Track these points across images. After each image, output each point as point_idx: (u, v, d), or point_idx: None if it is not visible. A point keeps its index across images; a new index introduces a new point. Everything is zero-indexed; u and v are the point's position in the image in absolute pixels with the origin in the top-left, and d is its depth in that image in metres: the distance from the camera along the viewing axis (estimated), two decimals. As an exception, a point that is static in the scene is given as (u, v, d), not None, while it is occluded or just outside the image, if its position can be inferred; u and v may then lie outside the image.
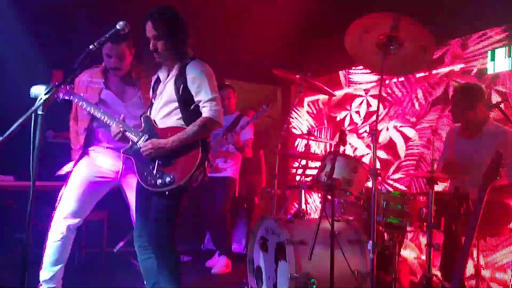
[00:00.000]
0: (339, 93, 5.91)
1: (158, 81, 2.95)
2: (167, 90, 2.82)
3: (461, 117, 3.59)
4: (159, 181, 2.70)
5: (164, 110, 2.83)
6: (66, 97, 3.15)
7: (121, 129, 2.87)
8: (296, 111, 6.79)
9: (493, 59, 4.18)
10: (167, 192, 2.68)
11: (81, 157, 3.32)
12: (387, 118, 5.22)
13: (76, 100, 3.15)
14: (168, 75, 2.86)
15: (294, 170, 6.66)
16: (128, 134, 2.87)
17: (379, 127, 5.23)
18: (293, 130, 6.79)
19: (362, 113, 5.69)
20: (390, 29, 2.81)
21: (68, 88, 3.15)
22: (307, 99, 6.68)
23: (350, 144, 5.73)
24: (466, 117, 3.56)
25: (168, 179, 2.68)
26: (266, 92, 7.18)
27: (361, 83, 5.72)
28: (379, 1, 3.75)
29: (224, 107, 4.89)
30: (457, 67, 4.52)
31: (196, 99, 2.75)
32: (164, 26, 2.72)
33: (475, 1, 4.18)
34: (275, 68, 4.11)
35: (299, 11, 5.16)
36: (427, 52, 2.92)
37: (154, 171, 2.73)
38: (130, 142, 2.89)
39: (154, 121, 2.85)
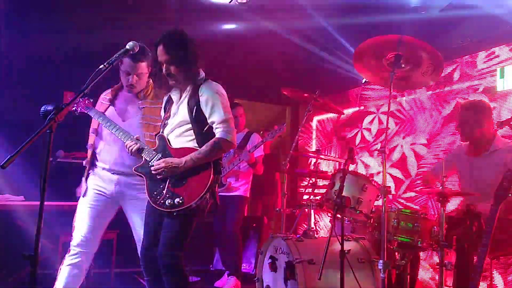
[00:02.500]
0: (348, 111, 5.91)
1: (170, 101, 2.97)
2: (180, 112, 2.84)
3: (469, 134, 3.55)
4: (168, 201, 2.68)
5: (177, 131, 2.84)
6: (84, 111, 3.17)
7: (137, 145, 2.88)
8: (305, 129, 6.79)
9: (502, 76, 4.16)
10: (174, 213, 2.67)
11: (86, 177, 3.30)
12: (400, 136, 5.19)
13: (93, 114, 3.17)
14: (181, 96, 2.89)
15: (303, 189, 6.63)
16: (142, 151, 2.88)
17: (392, 144, 5.21)
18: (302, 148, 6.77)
19: (374, 131, 5.66)
20: (397, 48, 2.85)
21: (86, 102, 3.17)
22: (316, 118, 6.68)
23: (362, 162, 5.69)
24: (473, 135, 3.52)
25: (177, 199, 2.66)
26: (276, 111, 7.21)
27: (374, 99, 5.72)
28: (389, 22, 3.81)
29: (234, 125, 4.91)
30: (466, 84, 4.51)
31: (209, 120, 2.77)
32: (175, 50, 2.75)
33: (483, 18, 4.19)
34: (284, 88, 4.14)
35: (308, 31, 5.20)
36: (435, 68, 2.94)
37: (164, 191, 2.72)
38: (143, 160, 2.89)
39: (169, 140, 2.86)
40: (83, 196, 3.25)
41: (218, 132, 2.74)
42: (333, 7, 4.69)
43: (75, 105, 3.12)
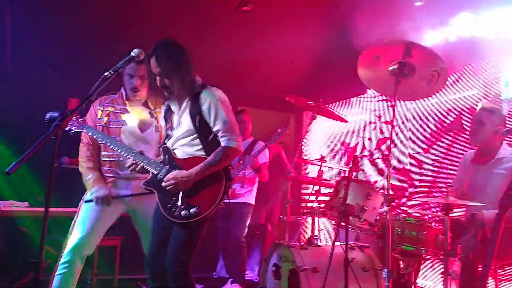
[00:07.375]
0: (352, 119, 5.91)
1: (169, 110, 2.94)
2: (183, 122, 2.81)
3: (482, 138, 3.46)
4: (184, 212, 2.65)
5: (183, 142, 2.81)
6: (79, 130, 3.12)
7: (136, 161, 2.83)
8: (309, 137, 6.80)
9: (507, 84, 4.15)
10: (192, 223, 2.65)
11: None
12: (400, 144, 5.19)
13: (91, 133, 3.12)
14: (180, 107, 2.85)
15: (307, 197, 6.62)
16: (148, 166, 2.83)
17: (392, 153, 5.20)
18: (306, 156, 6.77)
19: (375, 140, 5.67)
20: (402, 55, 2.85)
21: (80, 120, 3.13)
22: (320, 125, 6.68)
23: (363, 171, 5.69)
24: (486, 139, 3.45)
25: (193, 210, 2.63)
26: (280, 118, 7.20)
27: (374, 110, 5.73)
28: (391, 30, 3.81)
29: (241, 131, 4.90)
30: (471, 92, 4.50)
31: (214, 129, 2.74)
32: (167, 62, 2.70)
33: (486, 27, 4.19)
34: (288, 95, 4.14)
35: (312, 39, 5.21)
36: (440, 77, 2.93)
37: (179, 202, 2.68)
38: (151, 174, 2.84)
39: (174, 152, 2.84)
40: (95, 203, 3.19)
41: (223, 140, 2.72)
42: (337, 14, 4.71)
43: (70, 124, 3.07)
